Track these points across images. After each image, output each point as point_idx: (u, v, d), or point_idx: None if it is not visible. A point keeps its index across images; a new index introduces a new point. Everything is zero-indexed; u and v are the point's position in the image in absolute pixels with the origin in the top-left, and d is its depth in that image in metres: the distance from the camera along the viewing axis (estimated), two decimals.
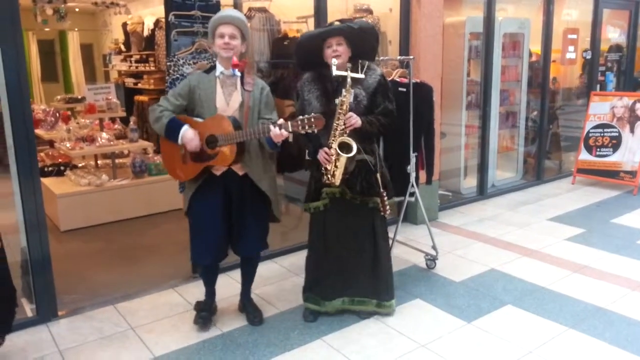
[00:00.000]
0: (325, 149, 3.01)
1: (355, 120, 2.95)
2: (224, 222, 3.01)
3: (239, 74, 2.95)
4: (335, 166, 2.96)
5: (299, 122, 2.73)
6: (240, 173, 2.99)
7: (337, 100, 2.98)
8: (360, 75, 2.97)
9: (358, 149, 2.94)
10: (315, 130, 2.75)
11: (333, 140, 2.96)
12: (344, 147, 2.93)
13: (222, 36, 2.88)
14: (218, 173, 2.97)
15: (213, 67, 3.00)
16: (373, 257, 3.22)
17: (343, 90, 2.92)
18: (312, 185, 3.22)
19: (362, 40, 3.06)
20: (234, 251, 3.18)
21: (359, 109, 3.00)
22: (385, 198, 3.13)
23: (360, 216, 3.17)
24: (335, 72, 2.90)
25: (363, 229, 3.19)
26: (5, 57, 2.96)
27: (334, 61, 2.93)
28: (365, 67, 3.05)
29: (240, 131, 2.82)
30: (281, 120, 2.77)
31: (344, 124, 2.93)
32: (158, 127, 2.93)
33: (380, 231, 3.24)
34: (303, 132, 2.75)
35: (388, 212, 3.17)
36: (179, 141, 2.87)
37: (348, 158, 2.94)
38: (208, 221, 3.00)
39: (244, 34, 2.94)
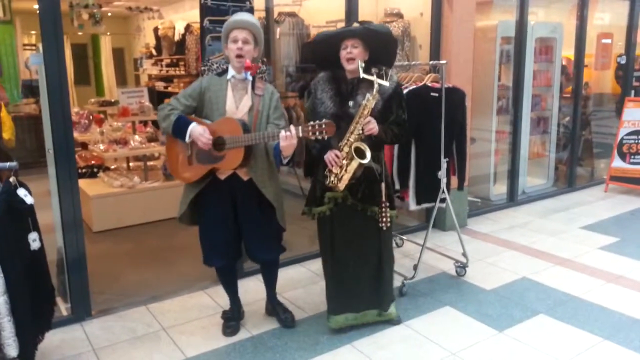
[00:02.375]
0: (336, 151, 2.91)
1: (374, 126, 2.87)
2: (230, 225, 3.00)
3: (250, 77, 2.94)
4: (345, 170, 2.88)
5: (310, 128, 2.66)
6: (245, 178, 2.95)
7: (350, 103, 2.95)
8: (386, 83, 2.88)
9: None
10: (326, 137, 2.67)
11: (346, 144, 2.88)
12: (358, 153, 2.84)
13: (235, 41, 2.87)
14: (223, 177, 2.95)
15: (225, 71, 3.00)
16: (377, 267, 3.15)
17: (368, 94, 2.85)
18: (317, 190, 3.10)
19: (381, 43, 3.00)
20: (250, 257, 3.18)
21: (372, 112, 2.89)
22: (386, 210, 3.01)
23: (365, 224, 3.07)
24: (362, 74, 2.83)
25: (369, 237, 3.10)
26: (47, 61, 3.04)
27: (361, 64, 2.85)
28: (389, 74, 2.97)
29: (249, 134, 2.79)
30: (291, 126, 2.72)
31: (362, 129, 2.86)
32: (166, 125, 2.90)
33: (385, 241, 3.16)
34: (313, 137, 2.68)
35: (387, 225, 3.03)
36: (187, 138, 2.83)
37: (360, 164, 2.86)
38: (214, 224, 3.00)
39: (257, 39, 2.94)
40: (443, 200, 3.85)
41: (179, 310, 3.51)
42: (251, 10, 3.73)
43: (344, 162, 2.88)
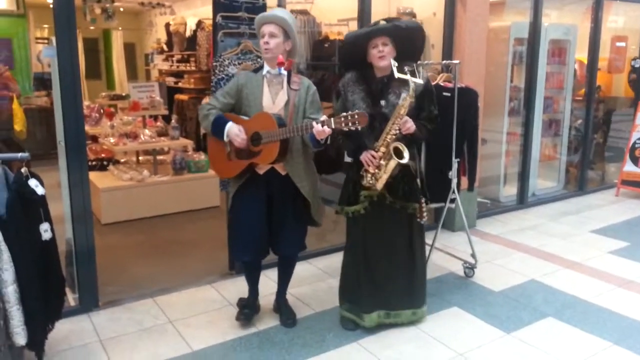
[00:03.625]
0: (372, 151, 2.92)
1: (411, 125, 2.88)
2: (264, 220, 3.03)
3: (284, 72, 2.95)
4: (384, 171, 2.90)
5: (342, 119, 2.65)
6: (283, 173, 3.00)
7: (382, 102, 2.94)
8: (420, 81, 2.90)
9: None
10: (359, 127, 2.66)
11: (382, 144, 2.90)
12: (396, 152, 2.86)
13: (262, 36, 2.91)
14: (261, 172, 2.99)
15: (260, 67, 3.03)
16: (410, 265, 3.16)
17: (404, 94, 2.87)
18: (349, 188, 3.11)
19: (409, 40, 2.98)
20: (273, 250, 3.19)
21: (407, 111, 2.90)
22: (424, 204, 3.07)
23: (399, 222, 3.09)
24: (397, 75, 2.83)
25: (401, 235, 3.12)
26: (60, 54, 3.05)
27: (394, 63, 2.86)
28: (420, 71, 2.98)
29: (284, 128, 2.81)
30: (324, 117, 2.73)
31: (399, 129, 2.86)
32: (205, 124, 2.99)
33: (417, 238, 3.18)
34: (346, 129, 2.66)
35: (425, 219, 3.10)
36: (225, 137, 2.91)
37: (398, 164, 2.88)
38: (248, 219, 3.03)
39: (288, 32, 2.93)
40: (453, 200, 3.83)
41: (186, 304, 3.51)
42: (264, 7, 3.72)
43: (382, 162, 2.90)
